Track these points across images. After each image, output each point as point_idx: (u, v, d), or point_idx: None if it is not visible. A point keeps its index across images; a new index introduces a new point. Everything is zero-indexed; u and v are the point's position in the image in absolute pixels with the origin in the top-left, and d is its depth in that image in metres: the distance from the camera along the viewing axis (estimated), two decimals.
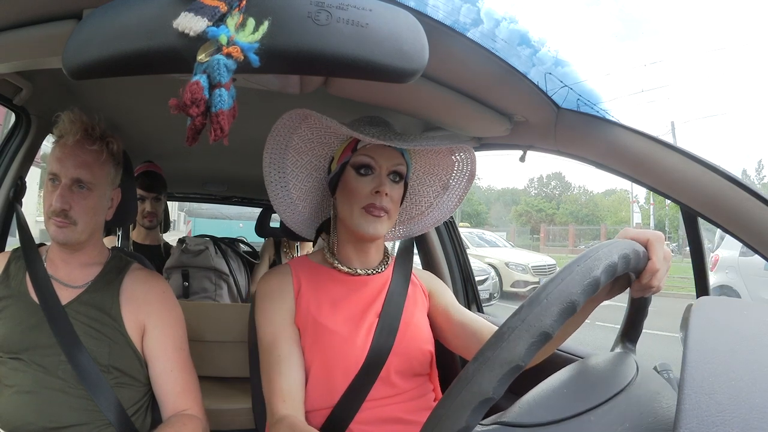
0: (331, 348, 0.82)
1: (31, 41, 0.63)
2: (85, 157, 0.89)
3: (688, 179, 0.73)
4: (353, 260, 0.91)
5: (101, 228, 0.97)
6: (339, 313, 0.85)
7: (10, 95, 1.05)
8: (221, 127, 0.41)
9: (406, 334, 0.86)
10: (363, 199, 0.85)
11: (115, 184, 0.98)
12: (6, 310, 0.88)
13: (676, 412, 0.32)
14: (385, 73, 0.46)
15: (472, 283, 1.54)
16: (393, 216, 0.88)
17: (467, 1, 0.63)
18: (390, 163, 0.87)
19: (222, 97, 0.40)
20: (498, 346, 0.37)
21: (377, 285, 0.90)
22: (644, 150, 0.77)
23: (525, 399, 0.43)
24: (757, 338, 0.40)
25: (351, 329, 0.84)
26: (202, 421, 0.92)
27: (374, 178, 0.86)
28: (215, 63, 0.40)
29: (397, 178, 0.88)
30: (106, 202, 0.95)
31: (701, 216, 0.75)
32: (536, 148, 0.97)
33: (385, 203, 0.85)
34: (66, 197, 0.87)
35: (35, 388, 0.84)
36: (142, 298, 0.94)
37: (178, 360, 0.94)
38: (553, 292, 0.39)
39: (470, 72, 0.75)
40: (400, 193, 0.89)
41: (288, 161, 0.91)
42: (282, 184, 0.93)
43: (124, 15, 0.45)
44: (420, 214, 1.02)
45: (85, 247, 0.94)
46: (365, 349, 0.82)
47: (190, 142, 0.42)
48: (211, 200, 3.02)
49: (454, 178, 0.97)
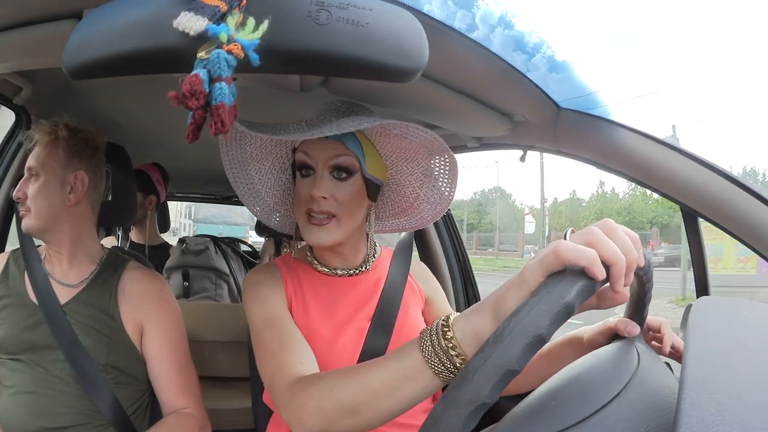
0: (320, 355, 0.76)
1: (31, 41, 0.63)
2: (36, 149, 0.94)
3: (689, 179, 0.73)
4: (330, 260, 0.84)
5: (63, 214, 0.93)
6: (324, 317, 0.80)
7: (10, 95, 1.06)
8: (222, 121, 0.39)
9: (401, 336, 0.81)
10: (303, 203, 0.76)
11: (75, 167, 0.94)
12: (5, 311, 0.88)
13: (676, 412, 0.31)
14: (385, 72, 0.46)
15: (473, 282, 1.54)
16: (345, 220, 0.77)
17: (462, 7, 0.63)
18: (326, 157, 0.75)
19: (222, 90, 0.39)
20: (461, 387, 0.36)
21: (368, 285, 0.85)
22: (645, 150, 0.77)
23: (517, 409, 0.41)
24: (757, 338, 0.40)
25: (337, 333, 0.79)
26: (201, 420, 0.92)
27: (313, 178, 0.76)
28: (215, 57, 0.40)
29: (342, 174, 0.76)
30: (57, 186, 0.92)
31: (701, 216, 0.75)
32: (536, 148, 0.97)
33: (326, 207, 0.75)
34: (21, 187, 0.92)
35: (34, 389, 0.84)
36: (139, 297, 0.94)
37: (177, 359, 0.94)
38: (516, 327, 0.36)
39: (470, 71, 0.75)
40: (350, 191, 0.77)
41: (252, 171, 0.86)
42: (254, 194, 0.89)
43: (124, 14, 0.45)
44: (410, 207, 0.88)
45: (60, 238, 0.93)
46: (355, 353, 0.78)
47: (190, 138, 0.41)
48: (211, 200, 3.03)
49: (435, 164, 0.81)
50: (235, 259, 2.16)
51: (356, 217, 0.79)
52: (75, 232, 0.94)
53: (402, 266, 0.90)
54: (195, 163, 1.94)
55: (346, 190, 0.76)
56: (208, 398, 0.97)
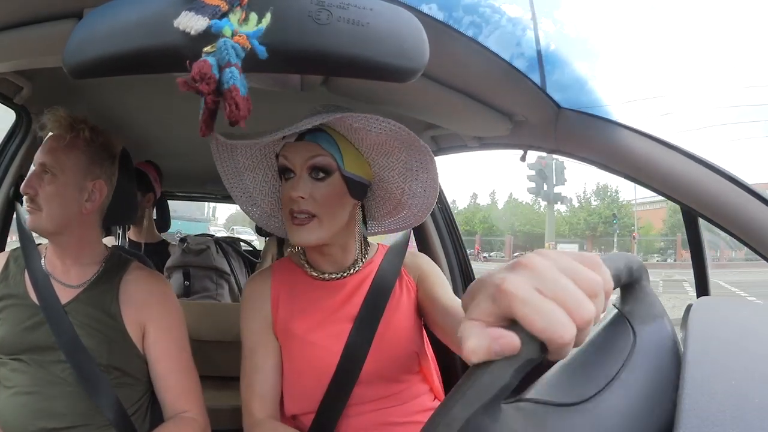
0: (300, 355, 0.82)
1: (32, 40, 0.63)
2: (52, 143, 0.90)
3: (689, 179, 0.73)
4: (321, 263, 0.87)
5: (77, 220, 0.91)
6: (308, 320, 0.83)
7: (10, 94, 1.06)
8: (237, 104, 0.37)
9: (384, 337, 0.82)
10: (286, 205, 0.79)
11: (95, 175, 0.92)
12: (5, 311, 0.88)
13: (676, 412, 0.31)
14: (385, 72, 0.46)
15: (471, 276, 1.55)
16: (326, 219, 0.78)
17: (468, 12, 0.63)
18: (303, 159, 0.77)
19: (234, 74, 0.37)
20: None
21: (352, 287, 0.86)
22: (645, 150, 0.77)
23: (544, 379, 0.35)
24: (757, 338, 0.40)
25: (319, 336, 0.82)
26: (203, 423, 0.92)
27: (294, 180, 0.78)
28: (222, 45, 0.39)
29: (320, 174, 0.78)
30: (75, 192, 0.89)
31: (702, 216, 0.75)
32: (536, 147, 0.96)
33: (305, 206, 0.77)
34: (31, 182, 0.87)
35: (35, 389, 0.84)
36: (142, 299, 0.93)
37: (179, 362, 0.94)
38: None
39: (470, 71, 0.75)
40: (329, 191, 0.78)
41: (247, 180, 0.88)
42: (251, 201, 0.91)
43: (125, 14, 0.45)
44: (399, 203, 0.88)
45: (69, 242, 0.92)
46: (337, 355, 0.80)
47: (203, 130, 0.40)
48: (211, 200, 3.04)
49: (412, 157, 0.80)
50: (237, 259, 2.16)
51: (339, 217, 0.80)
52: (83, 236, 0.94)
53: (394, 263, 0.89)
54: (195, 162, 1.94)
55: (325, 189, 0.78)
56: (208, 398, 0.97)
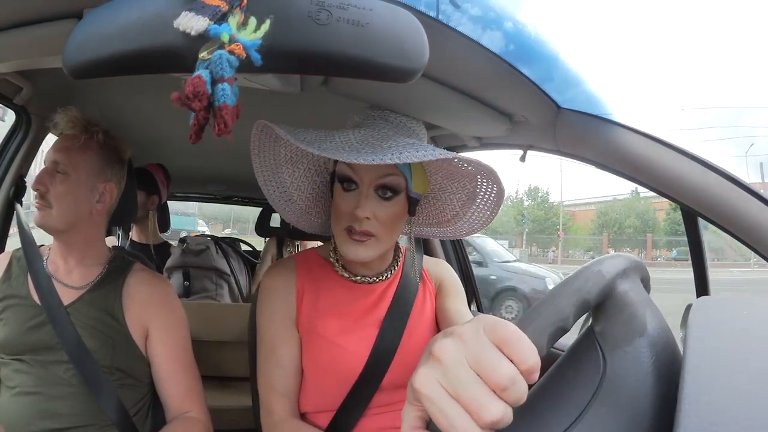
0: (326, 356, 0.79)
1: (32, 40, 0.63)
2: (65, 143, 0.91)
3: (689, 179, 0.73)
4: (356, 266, 0.84)
5: (86, 221, 0.92)
6: (336, 321, 0.81)
7: (10, 95, 1.06)
8: (225, 122, 0.39)
9: (409, 344, 0.82)
10: (344, 219, 0.75)
11: (106, 177, 0.94)
12: (7, 311, 0.88)
13: (676, 412, 0.31)
14: (385, 72, 0.46)
15: (472, 282, 1.55)
16: (384, 238, 0.75)
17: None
18: (374, 176, 0.73)
19: (225, 92, 0.39)
20: None
21: (381, 291, 0.85)
22: (645, 150, 0.77)
23: None
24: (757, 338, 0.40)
25: (346, 339, 0.80)
26: (206, 423, 0.92)
27: (356, 194, 0.74)
28: (217, 58, 0.40)
29: (388, 193, 0.74)
30: (87, 192, 0.91)
31: (701, 216, 0.75)
32: (536, 148, 0.96)
33: (368, 227, 0.73)
34: (43, 179, 0.88)
35: (38, 390, 0.84)
36: (145, 300, 0.93)
37: (182, 363, 0.94)
38: None
39: (470, 71, 0.75)
40: (393, 211, 0.75)
41: (284, 174, 0.83)
42: (285, 198, 0.86)
43: (125, 14, 0.45)
44: (445, 222, 0.87)
45: (75, 241, 0.92)
46: (363, 359, 0.79)
47: (193, 139, 0.41)
48: (211, 200, 3.03)
49: (480, 188, 0.78)
50: (236, 259, 2.16)
51: (395, 235, 0.79)
52: (90, 236, 0.95)
53: (415, 267, 0.89)
54: (195, 163, 1.94)
55: (391, 209, 0.74)
56: (209, 398, 0.98)
